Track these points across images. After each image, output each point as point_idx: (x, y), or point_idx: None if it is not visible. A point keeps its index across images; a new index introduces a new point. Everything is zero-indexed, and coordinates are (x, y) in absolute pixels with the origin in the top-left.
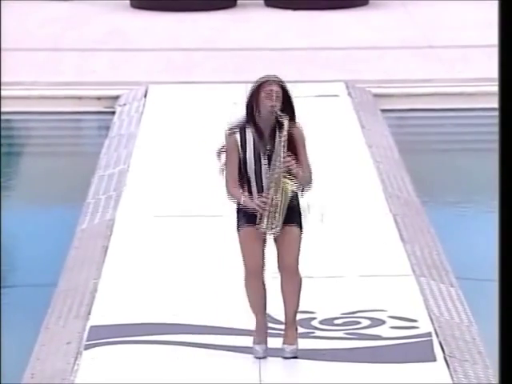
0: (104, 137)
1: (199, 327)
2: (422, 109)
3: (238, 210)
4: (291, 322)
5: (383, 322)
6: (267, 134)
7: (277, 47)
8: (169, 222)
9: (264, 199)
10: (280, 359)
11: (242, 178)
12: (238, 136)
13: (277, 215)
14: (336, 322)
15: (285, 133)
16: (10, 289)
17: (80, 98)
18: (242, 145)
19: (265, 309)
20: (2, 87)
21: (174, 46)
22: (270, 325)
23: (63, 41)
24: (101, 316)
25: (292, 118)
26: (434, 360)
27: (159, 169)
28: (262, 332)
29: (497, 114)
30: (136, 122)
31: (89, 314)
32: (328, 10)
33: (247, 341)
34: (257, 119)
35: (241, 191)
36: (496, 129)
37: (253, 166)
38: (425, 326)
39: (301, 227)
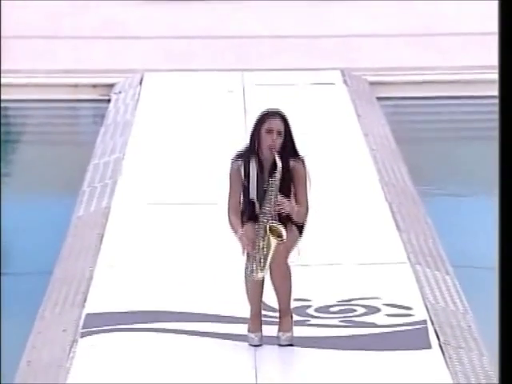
0: (99, 125)
1: (194, 315)
2: (418, 97)
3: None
4: (286, 310)
5: (378, 310)
6: (268, 168)
7: (273, 35)
8: (164, 210)
9: (254, 240)
10: (275, 347)
11: (246, 202)
12: (241, 164)
13: (262, 261)
14: (331, 309)
15: (277, 177)
16: (5, 277)
17: (76, 85)
18: (245, 173)
19: (261, 297)
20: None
21: (171, 33)
22: (264, 312)
23: (61, 29)
24: (96, 304)
25: (293, 153)
26: (429, 347)
27: (155, 157)
28: (256, 320)
29: (494, 101)
30: (131, 109)
31: (84, 301)
32: None
33: (242, 328)
34: (259, 153)
35: (241, 223)
36: (493, 116)
37: (255, 194)
38: (420, 313)
39: (300, 232)
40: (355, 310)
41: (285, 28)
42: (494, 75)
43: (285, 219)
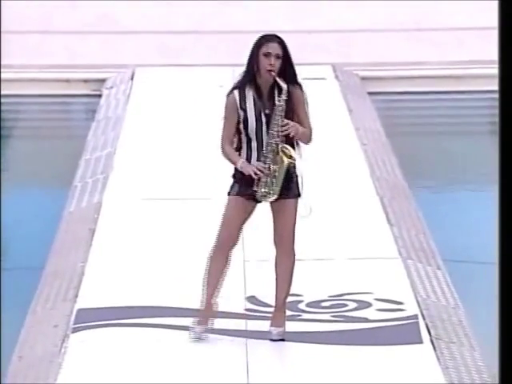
0: (91, 120)
1: (186, 310)
2: (410, 92)
3: (234, 177)
4: (281, 305)
5: (370, 305)
6: (266, 93)
7: (265, 30)
8: (156, 205)
9: (262, 165)
10: (266, 341)
11: (241, 136)
12: (236, 94)
13: (274, 184)
14: (323, 304)
15: (283, 101)
16: None
17: (67, 80)
18: (241, 103)
19: (218, 286)
20: None
21: (162, 28)
22: (256, 307)
23: (52, 24)
24: (88, 299)
25: (292, 78)
26: (421, 342)
27: (146, 152)
28: (206, 312)
29: (486, 96)
30: (123, 104)
31: (76, 297)
32: None
33: (234, 323)
34: (257, 79)
35: (238, 154)
36: (485, 111)
37: (254, 124)
38: (411, 308)
39: (299, 195)
40: (347, 305)
41: (276, 23)
42: (486, 70)
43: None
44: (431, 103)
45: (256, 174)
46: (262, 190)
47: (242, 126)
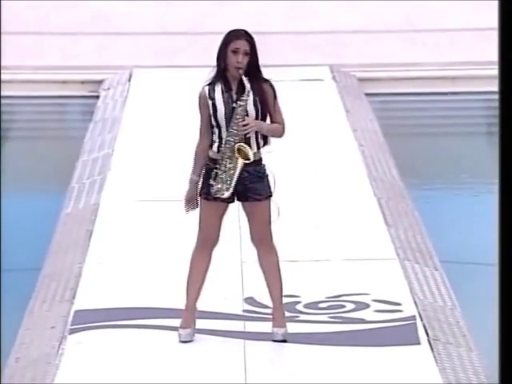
0: (88, 121)
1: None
2: (406, 93)
3: (204, 177)
4: (279, 305)
5: (367, 306)
6: (235, 87)
7: (262, 31)
8: (153, 207)
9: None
10: (264, 342)
11: (213, 129)
12: (206, 88)
13: (228, 181)
14: (320, 305)
15: (245, 99)
16: None
17: (64, 82)
18: (210, 93)
19: (201, 287)
20: None
21: (159, 29)
22: (253, 309)
23: (48, 24)
24: (85, 300)
25: (258, 73)
26: (418, 343)
27: (143, 153)
28: (190, 315)
29: (481, 97)
30: (120, 106)
31: (73, 298)
32: None
33: (232, 325)
34: (226, 73)
35: (199, 165)
36: (480, 112)
37: (222, 111)
38: (409, 309)
39: (270, 195)
40: (344, 306)
41: (272, 24)
42: (482, 71)
43: (262, 139)
44: (428, 104)
45: (185, 196)
46: (219, 185)
47: (212, 116)
